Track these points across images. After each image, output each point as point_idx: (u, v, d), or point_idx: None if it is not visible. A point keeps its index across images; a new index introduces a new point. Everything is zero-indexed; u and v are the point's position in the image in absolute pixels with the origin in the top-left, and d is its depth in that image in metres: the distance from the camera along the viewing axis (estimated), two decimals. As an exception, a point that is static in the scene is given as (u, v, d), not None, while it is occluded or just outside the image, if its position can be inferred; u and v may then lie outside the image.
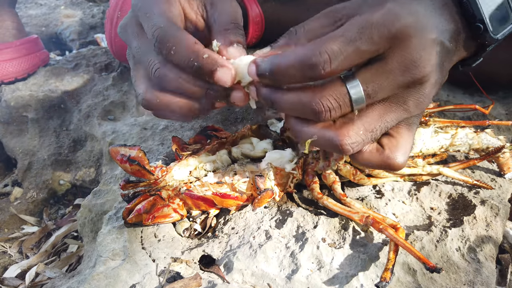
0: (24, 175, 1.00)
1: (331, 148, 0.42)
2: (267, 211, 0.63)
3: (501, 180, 0.66)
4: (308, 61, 0.37)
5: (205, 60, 0.42)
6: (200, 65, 0.42)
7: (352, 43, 0.37)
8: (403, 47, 0.39)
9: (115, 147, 0.58)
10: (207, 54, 0.42)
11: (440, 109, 0.73)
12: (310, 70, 0.38)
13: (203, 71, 0.42)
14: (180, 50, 0.42)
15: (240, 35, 0.47)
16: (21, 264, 0.80)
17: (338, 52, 0.37)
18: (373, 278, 0.52)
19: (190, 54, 0.42)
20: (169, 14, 0.46)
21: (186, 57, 0.42)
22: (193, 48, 0.42)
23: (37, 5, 1.69)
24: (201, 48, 0.43)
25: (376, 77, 0.39)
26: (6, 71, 1.06)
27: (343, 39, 0.37)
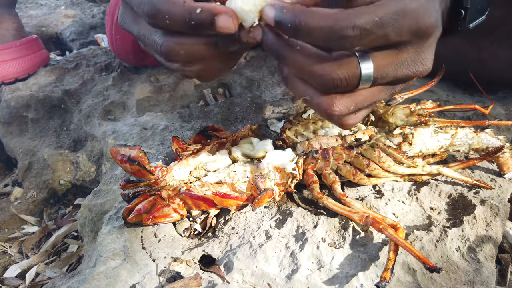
0: (25, 175, 1.00)
1: (320, 112, 0.43)
2: (267, 211, 0.63)
3: (501, 180, 0.66)
4: (340, 31, 0.36)
5: (200, 15, 0.39)
6: (197, 21, 0.39)
7: (384, 28, 0.37)
8: (420, 44, 0.40)
9: (115, 147, 0.58)
10: (199, 8, 0.39)
11: (440, 109, 0.73)
12: (337, 40, 0.37)
13: (203, 26, 0.40)
14: (173, 16, 0.40)
15: None
16: (21, 264, 0.80)
17: (370, 32, 0.36)
18: (373, 278, 0.52)
19: (184, 15, 0.39)
20: None
21: (182, 20, 0.40)
22: (184, 8, 0.39)
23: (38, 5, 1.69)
24: (192, 3, 0.39)
25: (387, 64, 0.40)
26: (7, 72, 1.06)
27: (377, 21, 0.36)
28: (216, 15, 0.39)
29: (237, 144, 0.66)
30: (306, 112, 0.70)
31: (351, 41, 0.37)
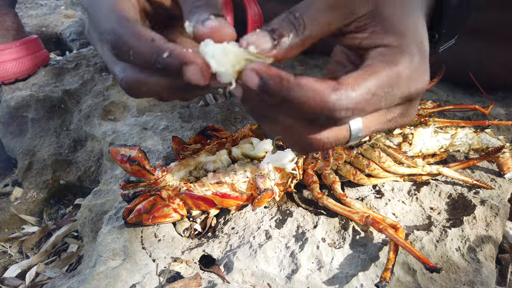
0: (25, 175, 1.00)
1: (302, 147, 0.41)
2: (267, 211, 0.63)
3: (501, 180, 0.66)
4: (329, 112, 0.33)
5: (167, 60, 0.34)
6: (164, 66, 0.34)
7: (377, 103, 0.35)
8: (410, 105, 0.39)
9: (115, 147, 0.58)
10: (167, 52, 0.34)
11: (440, 109, 0.73)
12: (327, 118, 0.34)
13: (169, 72, 0.35)
14: (138, 53, 0.35)
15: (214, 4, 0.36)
16: (21, 264, 0.80)
17: (361, 110, 0.35)
18: (373, 278, 0.52)
19: (150, 55, 0.35)
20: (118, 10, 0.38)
21: (147, 60, 0.35)
22: (151, 46, 0.35)
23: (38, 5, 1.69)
24: (160, 44, 0.34)
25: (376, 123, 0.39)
26: (7, 72, 1.06)
27: (370, 98, 0.34)
28: (185, 64, 0.33)
29: (237, 144, 0.66)
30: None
31: (343, 120, 0.35)
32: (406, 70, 0.35)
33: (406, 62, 0.35)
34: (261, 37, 0.33)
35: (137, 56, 0.35)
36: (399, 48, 0.35)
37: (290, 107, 0.34)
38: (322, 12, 0.35)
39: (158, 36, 0.35)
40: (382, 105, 0.36)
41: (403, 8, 0.37)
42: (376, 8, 0.37)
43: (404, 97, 0.37)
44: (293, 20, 0.35)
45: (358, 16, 0.37)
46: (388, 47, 0.35)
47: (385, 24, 0.36)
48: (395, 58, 0.35)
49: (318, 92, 0.32)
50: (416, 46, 0.36)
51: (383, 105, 0.36)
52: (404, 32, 0.36)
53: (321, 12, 0.35)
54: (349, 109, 0.34)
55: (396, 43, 0.35)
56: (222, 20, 0.35)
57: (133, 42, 0.35)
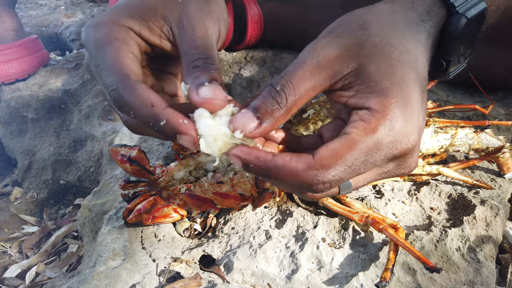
0: (24, 175, 1.00)
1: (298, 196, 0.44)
2: (267, 211, 0.63)
3: (501, 180, 0.66)
4: (308, 186, 0.36)
5: (164, 127, 0.37)
6: (160, 130, 0.38)
7: (356, 171, 0.36)
8: (404, 158, 0.39)
9: (115, 147, 0.58)
10: (164, 120, 0.37)
11: (440, 109, 0.73)
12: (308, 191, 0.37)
13: (165, 136, 0.38)
14: (137, 115, 0.38)
15: (213, 70, 0.39)
16: (21, 264, 0.80)
17: (340, 180, 0.36)
18: (373, 278, 0.52)
19: (149, 119, 0.38)
20: (120, 67, 0.40)
21: (146, 122, 0.38)
22: (150, 112, 0.37)
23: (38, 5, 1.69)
24: (159, 110, 0.37)
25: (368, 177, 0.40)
26: (7, 73, 1.06)
27: (347, 170, 0.35)
28: (180, 134, 0.37)
29: (237, 144, 0.66)
30: (306, 112, 0.70)
31: (322, 190, 0.36)
32: (386, 137, 0.35)
33: (387, 129, 0.35)
34: (246, 119, 0.36)
35: (137, 117, 0.38)
36: (381, 114, 0.35)
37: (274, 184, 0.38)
38: (308, 77, 0.37)
39: (157, 99, 0.37)
40: (362, 171, 0.36)
41: (388, 62, 0.37)
42: (361, 66, 0.37)
43: (388, 158, 0.37)
44: (274, 95, 0.36)
45: (343, 74, 0.37)
46: (370, 112, 0.36)
47: (369, 83, 0.37)
48: (376, 126, 0.35)
49: (294, 172, 0.35)
50: (401, 106, 0.36)
51: (364, 170, 0.36)
52: (388, 92, 0.36)
53: (307, 77, 0.37)
54: (326, 182, 0.35)
55: (378, 106, 0.36)
56: (216, 87, 0.37)
57: (134, 105, 0.38)
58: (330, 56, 0.37)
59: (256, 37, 1.06)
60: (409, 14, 0.42)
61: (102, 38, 0.41)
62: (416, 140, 0.37)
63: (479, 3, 0.45)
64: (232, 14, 1.02)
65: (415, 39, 0.41)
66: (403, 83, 0.37)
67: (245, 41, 1.06)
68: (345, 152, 0.35)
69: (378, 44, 0.38)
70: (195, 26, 0.42)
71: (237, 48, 1.10)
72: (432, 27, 0.43)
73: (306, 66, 0.37)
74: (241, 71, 1.05)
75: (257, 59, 1.07)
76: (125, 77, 0.39)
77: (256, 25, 1.03)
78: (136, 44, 0.43)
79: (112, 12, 0.43)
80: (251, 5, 1.01)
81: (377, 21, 0.40)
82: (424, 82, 0.40)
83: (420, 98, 0.38)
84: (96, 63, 0.41)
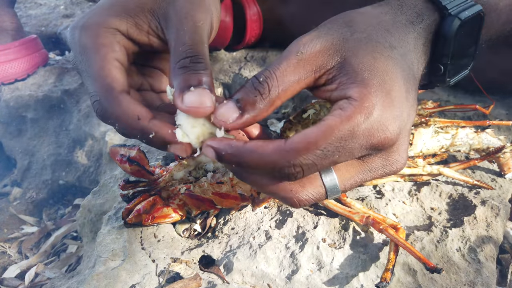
0: (24, 175, 0.99)
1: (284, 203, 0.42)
2: (267, 211, 0.62)
3: (502, 180, 0.66)
4: (280, 169, 0.35)
5: (153, 139, 0.37)
6: (149, 142, 0.37)
7: (330, 157, 0.34)
8: (385, 151, 0.38)
9: (114, 147, 0.58)
10: (153, 133, 0.37)
11: (440, 109, 0.72)
12: (281, 176, 0.36)
13: (155, 146, 0.38)
14: (123, 127, 0.38)
15: (201, 70, 0.38)
16: (21, 264, 0.80)
17: (312, 165, 0.35)
18: (374, 279, 0.52)
19: (136, 132, 0.37)
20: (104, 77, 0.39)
21: (132, 134, 0.38)
22: (136, 126, 0.37)
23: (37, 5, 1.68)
24: (145, 123, 0.36)
25: (353, 174, 0.39)
26: (6, 73, 1.06)
27: (320, 154, 0.34)
28: (170, 144, 0.37)
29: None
30: (306, 112, 0.70)
31: (295, 176, 0.35)
32: (362, 124, 0.35)
33: (363, 116, 0.35)
34: (228, 109, 0.36)
35: (123, 130, 0.38)
36: (358, 102, 0.35)
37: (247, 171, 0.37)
38: (292, 69, 0.36)
39: (143, 111, 0.37)
40: (337, 158, 0.35)
41: (371, 55, 0.37)
42: (345, 59, 0.37)
43: (367, 148, 0.36)
44: (257, 86, 0.36)
45: (327, 69, 0.37)
46: (349, 100, 0.35)
47: (352, 74, 0.36)
48: (352, 113, 0.35)
49: (265, 155, 0.34)
50: (380, 96, 0.35)
51: (339, 158, 0.35)
52: (367, 82, 0.36)
53: (291, 70, 0.36)
54: (297, 165, 0.34)
55: (357, 95, 0.35)
56: (202, 92, 0.36)
57: (119, 118, 0.37)
58: (314, 50, 0.37)
59: (255, 37, 1.06)
60: (397, 16, 0.42)
61: (87, 43, 0.40)
62: (396, 131, 0.36)
63: (473, 5, 0.45)
64: (231, 14, 1.02)
65: (402, 38, 0.40)
66: (385, 74, 0.36)
67: (244, 41, 1.06)
68: (318, 136, 0.34)
69: (362, 39, 0.38)
70: (183, 19, 0.40)
71: (237, 47, 1.10)
72: (423, 29, 0.42)
73: (291, 59, 0.37)
74: (241, 71, 1.05)
75: (257, 58, 1.07)
76: (110, 88, 0.38)
77: (255, 24, 1.03)
78: (123, 49, 0.42)
79: (99, 12, 0.42)
80: (250, 5, 1.01)
81: (363, 19, 0.40)
82: (412, 79, 0.40)
83: (404, 93, 0.37)
84: (81, 69, 0.40)
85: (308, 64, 0.37)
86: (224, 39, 1.06)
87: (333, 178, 0.38)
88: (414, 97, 0.39)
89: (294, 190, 0.38)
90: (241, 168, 0.37)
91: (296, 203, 0.38)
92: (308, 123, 0.70)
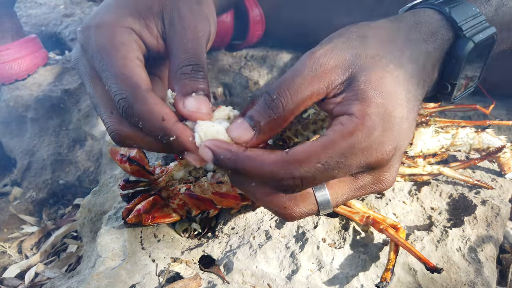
0: (24, 175, 0.99)
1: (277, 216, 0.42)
2: (267, 211, 0.62)
3: (502, 180, 0.66)
4: (279, 180, 0.35)
5: (174, 142, 0.37)
6: (168, 144, 0.38)
7: (328, 172, 0.35)
8: (381, 172, 0.38)
9: (114, 147, 0.58)
10: (174, 136, 0.37)
11: (440, 108, 0.72)
12: (278, 187, 0.36)
13: (172, 149, 0.39)
14: (147, 126, 0.38)
15: (201, 79, 0.39)
16: (21, 264, 0.79)
17: (312, 179, 0.35)
18: (374, 279, 0.52)
19: (158, 132, 0.38)
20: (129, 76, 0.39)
21: (153, 133, 0.38)
22: (160, 125, 0.37)
23: (37, 5, 1.68)
24: (169, 125, 0.37)
25: (345, 191, 0.39)
26: (6, 74, 1.06)
27: (320, 168, 0.34)
28: (187, 151, 0.38)
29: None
30: (306, 112, 0.70)
31: (293, 189, 0.35)
32: (362, 142, 0.35)
33: (364, 135, 0.35)
34: (242, 130, 0.37)
35: (146, 128, 0.38)
36: (360, 120, 0.35)
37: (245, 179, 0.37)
38: (306, 85, 0.36)
39: (168, 113, 0.38)
40: (336, 174, 0.36)
41: (380, 74, 0.37)
42: (354, 75, 0.37)
43: (363, 166, 0.36)
44: (270, 104, 0.36)
45: (337, 84, 0.37)
46: (351, 117, 0.36)
47: (357, 91, 0.36)
48: (353, 130, 0.35)
49: (265, 164, 0.34)
50: (382, 116, 0.36)
51: (337, 174, 0.36)
52: (371, 100, 0.36)
53: (305, 86, 0.36)
54: (297, 178, 0.34)
55: (359, 112, 0.35)
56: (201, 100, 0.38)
57: (145, 116, 0.37)
58: (329, 66, 0.37)
59: (257, 37, 1.06)
60: (411, 34, 0.42)
61: (106, 42, 0.40)
62: (392, 152, 0.37)
63: (488, 28, 0.45)
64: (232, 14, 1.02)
65: (413, 57, 0.40)
66: (390, 95, 0.37)
67: (246, 42, 1.06)
68: (320, 150, 0.34)
69: (375, 56, 0.38)
70: (187, 28, 0.42)
71: (238, 47, 1.10)
72: (435, 50, 0.42)
73: (305, 75, 0.37)
74: (241, 71, 1.04)
75: (257, 58, 1.07)
76: (136, 86, 0.38)
77: (258, 26, 1.03)
78: (139, 48, 0.42)
79: (112, 11, 0.42)
80: (253, 6, 1.01)
81: (378, 35, 0.40)
82: (414, 100, 0.40)
83: (405, 114, 0.38)
84: (100, 69, 0.40)
85: (322, 80, 0.37)
86: (225, 39, 1.06)
87: (325, 194, 0.38)
88: (413, 118, 0.40)
89: (288, 205, 0.38)
90: (237, 175, 0.37)
91: (288, 217, 0.39)
92: (308, 123, 0.70)
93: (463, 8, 0.44)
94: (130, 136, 0.40)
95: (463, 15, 0.43)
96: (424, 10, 0.44)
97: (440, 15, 0.44)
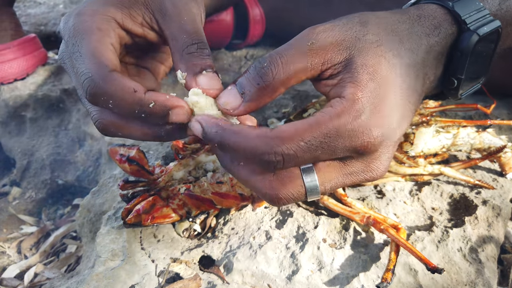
0: (23, 175, 0.99)
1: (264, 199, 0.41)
2: (267, 211, 0.62)
3: (503, 180, 0.66)
4: (260, 156, 0.34)
5: (153, 109, 0.37)
6: (149, 114, 0.37)
7: (312, 152, 0.34)
8: (366, 157, 0.38)
9: (114, 147, 0.58)
10: (152, 102, 0.37)
11: (441, 108, 0.72)
12: (261, 163, 0.35)
13: (154, 118, 0.38)
14: (118, 103, 0.37)
15: (206, 57, 0.40)
16: (20, 264, 0.79)
17: (294, 156, 0.34)
18: (374, 279, 0.52)
19: (133, 106, 0.37)
20: (98, 56, 0.38)
21: (129, 110, 0.37)
22: (133, 97, 0.36)
23: (36, 4, 1.68)
24: (142, 96, 0.36)
25: (333, 176, 0.38)
26: (5, 73, 1.06)
27: (303, 146, 0.34)
28: (172, 108, 0.37)
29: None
30: (307, 111, 0.69)
31: (275, 165, 0.35)
32: (348, 124, 0.35)
33: (351, 117, 0.35)
34: (231, 96, 0.37)
35: (118, 106, 0.37)
36: (349, 102, 0.35)
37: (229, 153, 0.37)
38: (301, 57, 0.36)
39: (138, 85, 0.37)
40: (319, 154, 0.35)
41: (377, 59, 0.37)
42: (351, 57, 0.37)
43: (348, 149, 0.36)
44: (260, 72, 0.36)
45: (334, 63, 0.37)
46: (342, 99, 0.35)
47: (353, 73, 0.36)
48: (340, 112, 0.35)
49: (249, 138, 0.34)
50: (373, 101, 0.35)
51: (320, 155, 0.35)
52: (364, 84, 0.36)
53: (299, 57, 0.36)
54: (279, 154, 0.34)
55: (350, 96, 0.35)
56: (213, 77, 0.39)
57: (114, 93, 0.36)
58: (326, 41, 0.37)
59: (258, 36, 1.06)
60: (414, 27, 0.41)
61: (82, 27, 0.40)
62: (379, 138, 0.36)
63: (492, 21, 0.44)
64: (232, 13, 1.02)
65: (413, 50, 0.40)
66: (384, 80, 0.36)
67: (246, 41, 1.06)
68: (305, 128, 0.34)
69: (374, 42, 0.38)
70: (182, 11, 0.42)
71: (238, 46, 1.10)
72: (438, 43, 0.42)
73: (301, 46, 0.36)
74: (241, 70, 1.04)
75: (257, 57, 1.07)
76: (103, 65, 0.37)
77: (258, 25, 1.03)
78: (117, 37, 0.42)
79: (94, 2, 0.43)
80: (253, 6, 1.01)
81: (379, 23, 0.40)
82: (413, 92, 0.39)
83: (399, 102, 0.37)
84: (72, 51, 0.39)
85: (318, 55, 0.36)
86: (225, 38, 1.06)
87: (314, 178, 0.38)
88: (410, 109, 0.39)
89: (275, 186, 0.37)
90: (223, 151, 0.37)
91: (275, 200, 0.38)
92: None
93: (466, 2, 0.44)
94: (114, 123, 0.40)
95: (467, 8, 0.43)
96: (427, 4, 0.44)
97: (443, 9, 0.43)
